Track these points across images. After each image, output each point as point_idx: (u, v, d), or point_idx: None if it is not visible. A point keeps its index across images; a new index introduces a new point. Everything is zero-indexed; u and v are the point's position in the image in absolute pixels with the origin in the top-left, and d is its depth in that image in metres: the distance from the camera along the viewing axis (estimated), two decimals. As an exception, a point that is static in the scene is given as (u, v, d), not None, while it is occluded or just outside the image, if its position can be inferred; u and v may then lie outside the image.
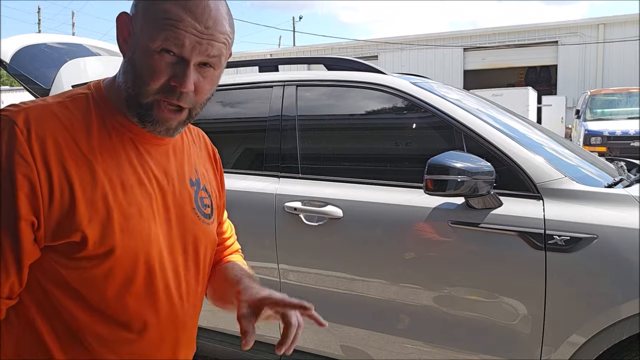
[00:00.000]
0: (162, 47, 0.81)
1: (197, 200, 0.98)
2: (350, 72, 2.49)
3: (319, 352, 2.29)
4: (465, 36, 20.78)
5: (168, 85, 0.83)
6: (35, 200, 0.77)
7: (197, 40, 0.81)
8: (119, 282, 0.85)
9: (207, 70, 0.85)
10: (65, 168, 0.79)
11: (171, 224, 0.92)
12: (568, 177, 1.95)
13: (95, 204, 0.81)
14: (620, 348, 1.78)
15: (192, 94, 0.84)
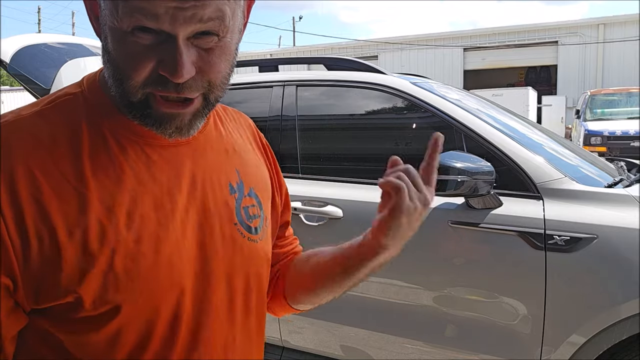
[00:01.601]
0: (133, 26, 0.56)
1: (239, 211, 0.73)
2: (350, 72, 2.49)
3: (319, 352, 2.29)
4: (465, 36, 20.79)
5: (156, 74, 0.59)
6: (7, 256, 0.56)
7: (177, 3, 0.55)
8: (130, 346, 0.63)
9: (209, 39, 0.59)
10: (42, 206, 0.58)
11: (205, 253, 0.68)
12: (568, 177, 1.95)
13: (89, 248, 0.59)
14: (620, 348, 1.78)
15: (197, 77, 0.60)
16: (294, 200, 2.29)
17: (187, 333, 0.66)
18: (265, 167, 0.86)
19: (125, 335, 0.62)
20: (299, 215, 2.25)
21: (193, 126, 0.65)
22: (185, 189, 0.67)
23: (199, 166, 0.70)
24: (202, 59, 0.60)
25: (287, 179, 2.51)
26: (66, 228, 0.58)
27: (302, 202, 2.26)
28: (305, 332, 2.30)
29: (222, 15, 0.58)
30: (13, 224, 0.56)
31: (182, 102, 0.62)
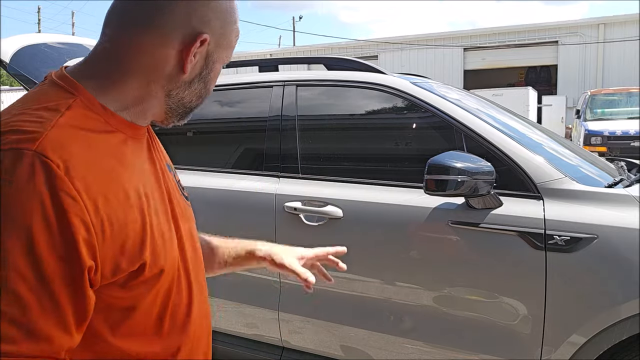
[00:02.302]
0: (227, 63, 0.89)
1: (178, 182, 0.96)
2: (350, 72, 2.49)
3: (319, 352, 2.29)
4: (465, 36, 20.78)
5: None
6: (91, 241, 0.68)
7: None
8: (162, 295, 0.81)
9: None
10: (105, 195, 0.71)
11: (178, 222, 0.88)
12: (568, 177, 1.95)
13: (135, 224, 0.74)
14: (620, 348, 1.78)
15: None
16: (294, 200, 2.29)
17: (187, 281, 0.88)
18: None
19: (162, 288, 0.80)
20: (299, 215, 2.25)
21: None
22: (159, 173, 0.87)
23: (153, 152, 0.89)
24: None
25: (287, 178, 2.53)
26: (122, 211, 0.73)
27: (302, 202, 2.26)
28: (305, 332, 2.30)
29: None
30: (94, 214, 0.68)
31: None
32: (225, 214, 2.47)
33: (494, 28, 20.27)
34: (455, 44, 20.57)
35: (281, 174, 2.41)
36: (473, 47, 20.48)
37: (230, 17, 0.84)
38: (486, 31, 20.52)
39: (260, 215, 2.35)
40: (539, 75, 21.96)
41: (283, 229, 2.29)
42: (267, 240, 2.30)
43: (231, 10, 0.84)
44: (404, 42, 21.17)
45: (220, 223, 2.49)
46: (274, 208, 2.31)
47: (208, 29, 0.80)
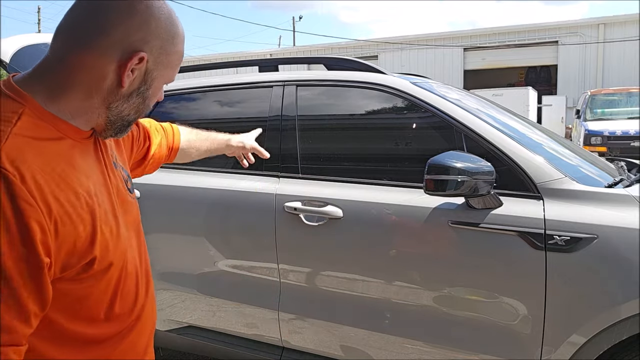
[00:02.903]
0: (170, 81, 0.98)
1: (124, 178, 1.04)
2: (350, 72, 2.49)
3: (319, 352, 2.29)
4: (465, 36, 20.78)
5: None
6: (46, 241, 0.76)
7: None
8: (114, 285, 0.92)
9: None
10: (57, 198, 0.80)
11: (123, 216, 0.98)
12: (568, 177, 1.95)
13: (89, 222, 0.84)
14: (620, 348, 1.78)
15: None
16: (294, 200, 2.28)
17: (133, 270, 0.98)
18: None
19: (112, 279, 0.91)
20: (299, 215, 2.25)
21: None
22: (106, 171, 0.96)
23: (98, 152, 0.97)
24: None
25: (287, 178, 2.52)
26: (73, 211, 0.81)
27: (302, 202, 2.26)
28: (305, 332, 2.30)
29: None
30: (48, 216, 0.76)
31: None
32: (225, 214, 2.47)
33: (494, 28, 20.27)
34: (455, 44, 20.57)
35: (281, 174, 2.41)
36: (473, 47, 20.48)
37: (171, 40, 0.93)
38: (486, 31, 20.51)
39: (260, 215, 2.35)
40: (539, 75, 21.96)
41: (283, 229, 2.29)
42: (267, 240, 2.31)
43: (173, 34, 0.93)
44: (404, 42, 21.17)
45: (221, 223, 2.49)
46: (274, 208, 2.31)
47: (147, 48, 0.89)
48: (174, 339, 2.62)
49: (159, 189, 2.61)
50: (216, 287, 2.49)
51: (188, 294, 2.55)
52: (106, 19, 0.87)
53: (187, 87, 2.81)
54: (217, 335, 2.53)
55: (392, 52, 21.44)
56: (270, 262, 2.32)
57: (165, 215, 2.59)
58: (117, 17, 0.87)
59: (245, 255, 2.43)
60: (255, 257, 2.39)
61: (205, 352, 2.58)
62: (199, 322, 2.56)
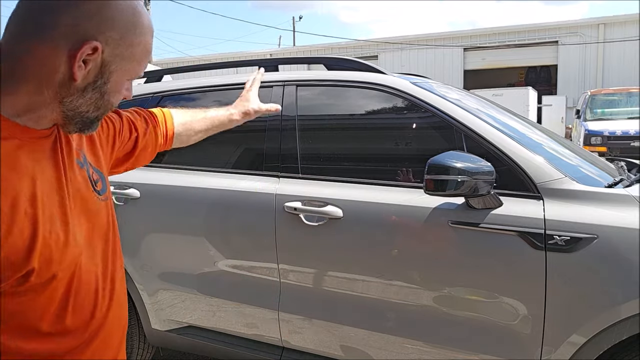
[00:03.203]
0: (132, 79, 0.91)
1: (91, 179, 0.97)
2: (350, 72, 2.49)
3: (319, 352, 2.29)
4: (465, 36, 20.79)
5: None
6: None
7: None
8: (59, 299, 0.85)
9: None
10: None
11: (82, 219, 0.90)
12: (568, 177, 1.95)
13: (23, 233, 0.77)
14: (620, 348, 1.78)
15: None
16: (294, 200, 2.28)
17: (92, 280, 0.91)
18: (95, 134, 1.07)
19: (57, 292, 0.84)
20: (299, 215, 2.25)
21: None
22: (56, 168, 0.87)
23: (58, 150, 0.89)
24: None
25: (287, 178, 2.52)
26: (7, 222, 0.75)
27: (302, 202, 2.26)
28: (305, 332, 2.30)
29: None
30: None
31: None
32: (225, 214, 2.47)
33: (494, 28, 20.28)
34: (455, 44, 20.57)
35: (281, 174, 2.41)
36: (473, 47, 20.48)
37: (132, 30, 0.86)
38: (486, 31, 20.51)
39: (260, 215, 2.35)
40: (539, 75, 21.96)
41: (283, 229, 2.29)
42: (267, 240, 2.31)
43: (135, 24, 0.86)
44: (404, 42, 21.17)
45: (221, 223, 2.49)
46: (274, 208, 2.31)
47: (101, 38, 0.82)
48: (174, 339, 2.62)
49: (159, 189, 2.61)
50: (216, 287, 2.49)
51: (188, 294, 2.55)
52: (56, 6, 0.80)
53: (187, 87, 2.81)
54: (217, 335, 2.53)
55: (392, 52, 21.44)
56: (270, 262, 2.32)
57: (165, 215, 2.59)
58: (67, 4, 0.81)
59: (245, 255, 2.42)
60: (255, 257, 2.39)
61: (205, 352, 2.58)
62: (199, 322, 2.56)
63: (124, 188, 2.68)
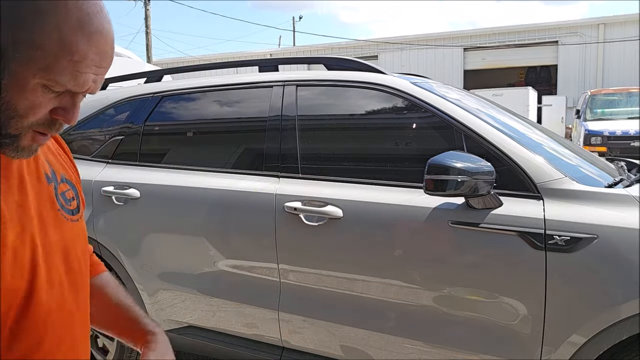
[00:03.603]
0: (51, 85, 0.68)
1: (58, 196, 0.83)
2: (350, 72, 2.49)
3: (319, 352, 2.29)
4: (465, 36, 20.79)
5: (49, 118, 0.71)
6: None
7: (94, 78, 0.71)
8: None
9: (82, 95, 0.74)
10: None
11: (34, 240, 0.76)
12: (568, 177, 1.95)
13: None
14: (620, 348, 1.78)
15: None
16: (294, 200, 2.28)
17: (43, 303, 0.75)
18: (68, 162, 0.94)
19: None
20: (299, 215, 2.25)
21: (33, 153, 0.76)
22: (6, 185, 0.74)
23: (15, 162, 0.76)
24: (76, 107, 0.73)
25: (287, 178, 2.52)
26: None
27: (302, 202, 2.26)
28: (305, 332, 2.30)
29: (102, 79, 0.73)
30: None
31: (46, 137, 0.74)
32: (225, 214, 2.47)
33: (494, 28, 20.29)
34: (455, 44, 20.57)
35: (281, 174, 2.41)
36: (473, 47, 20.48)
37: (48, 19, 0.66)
38: (486, 31, 20.52)
39: (260, 215, 2.35)
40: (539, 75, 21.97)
41: (283, 229, 2.29)
42: (267, 240, 2.31)
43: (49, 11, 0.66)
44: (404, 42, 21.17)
45: (221, 223, 2.49)
46: (274, 208, 2.31)
47: None
48: (174, 339, 2.62)
49: (159, 189, 2.61)
50: (216, 287, 2.49)
51: (188, 294, 2.55)
52: None
53: (187, 87, 2.81)
54: (217, 335, 2.53)
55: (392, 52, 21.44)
56: (270, 262, 2.32)
57: (165, 215, 2.59)
58: None
59: (245, 255, 2.42)
60: (255, 257, 2.39)
61: (205, 352, 2.58)
62: (199, 322, 2.56)
63: (124, 188, 2.68)
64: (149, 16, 21.14)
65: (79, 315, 0.84)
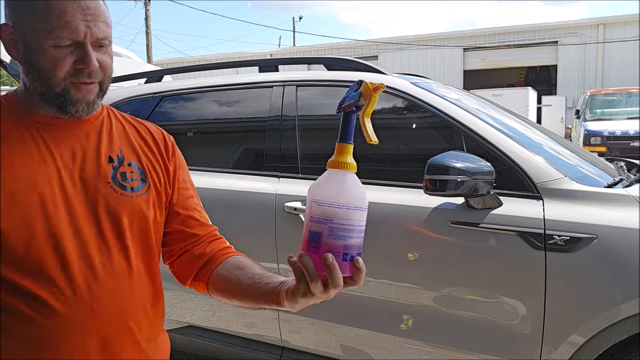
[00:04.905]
0: (58, 43, 0.90)
1: (115, 175, 1.01)
2: (350, 72, 2.49)
3: (319, 352, 2.29)
4: (465, 36, 20.79)
5: (74, 69, 0.91)
6: None
7: (86, 24, 0.90)
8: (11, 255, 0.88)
9: (102, 47, 0.95)
10: None
11: (78, 197, 0.95)
12: (568, 177, 1.95)
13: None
14: (620, 348, 1.78)
15: (99, 70, 0.94)
16: (294, 200, 2.28)
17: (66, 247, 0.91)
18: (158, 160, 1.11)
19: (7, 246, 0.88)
20: (299, 215, 2.25)
21: (95, 104, 0.98)
22: (69, 155, 0.96)
23: (84, 143, 0.99)
24: (100, 58, 0.94)
25: (287, 178, 2.52)
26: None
27: (302, 202, 2.27)
28: (305, 332, 2.30)
29: (106, 35, 0.94)
30: None
31: (89, 85, 0.94)
32: (225, 214, 2.47)
33: (494, 28, 20.29)
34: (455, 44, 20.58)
35: (281, 174, 2.41)
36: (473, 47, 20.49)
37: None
38: (486, 31, 20.52)
39: (260, 215, 2.35)
40: (538, 76, 21.98)
41: (283, 229, 2.29)
42: (267, 240, 2.31)
43: None
44: (404, 42, 21.18)
45: (221, 223, 2.49)
46: (274, 208, 2.31)
47: (11, 17, 0.93)
48: (174, 338, 2.62)
49: (159, 189, 2.61)
50: (216, 287, 2.49)
51: (188, 294, 2.55)
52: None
53: (187, 87, 2.81)
54: (217, 335, 2.53)
55: (392, 52, 21.44)
56: (270, 261, 2.32)
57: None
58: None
59: (245, 255, 2.42)
60: (255, 257, 2.37)
61: (205, 352, 2.58)
62: (199, 322, 2.56)
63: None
64: (149, 16, 21.15)
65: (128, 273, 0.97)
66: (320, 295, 0.85)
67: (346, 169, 0.84)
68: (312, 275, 0.81)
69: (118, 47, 6.67)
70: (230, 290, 1.06)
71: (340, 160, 0.85)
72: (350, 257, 0.82)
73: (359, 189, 0.83)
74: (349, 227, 0.80)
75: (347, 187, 0.81)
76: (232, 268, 1.10)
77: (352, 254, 0.82)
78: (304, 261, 0.81)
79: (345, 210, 0.79)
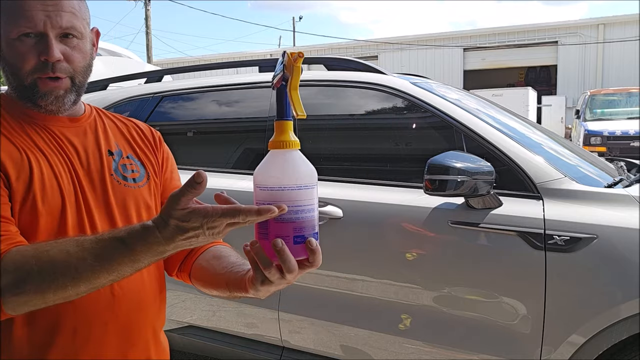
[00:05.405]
0: (19, 34, 0.91)
1: (117, 167, 1.05)
2: (350, 72, 2.49)
3: (319, 352, 2.29)
4: (465, 36, 20.80)
5: (39, 62, 0.92)
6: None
7: (46, 13, 0.91)
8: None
9: (71, 40, 0.95)
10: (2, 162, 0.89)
11: (90, 188, 0.99)
12: (568, 177, 1.95)
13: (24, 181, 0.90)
14: (620, 348, 1.78)
15: (65, 64, 0.95)
16: (294, 200, 2.28)
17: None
18: (150, 153, 1.14)
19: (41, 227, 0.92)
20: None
21: (67, 98, 0.97)
22: (72, 149, 0.99)
23: (82, 138, 1.02)
24: (67, 51, 0.94)
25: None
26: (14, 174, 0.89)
27: (302, 202, 2.26)
28: (305, 332, 2.30)
29: (72, 25, 0.94)
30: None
31: (56, 80, 0.94)
32: (225, 214, 2.47)
33: (494, 28, 20.29)
34: (455, 44, 20.58)
35: (281, 174, 2.40)
36: (473, 47, 20.49)
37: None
38: (486, 31, 20.53)
39: (260, 215, 2.34)
40: (538, 76, 21.99)
41: (283, 229, 2.28)
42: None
43: None
44: (404, 42, 21.18)
45: (220, 223, 2.49)
46: (274, 208, 2.31)
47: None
48: (174, 339, 2.62)
49: (159, 189, 2.61)
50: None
51: (188, 294, 2.55)
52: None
53: (187, 87, 2.81)
54: (217, 335, 2.53)
55: (392, 52, 21.45)
56: (270, 262, 2.32)
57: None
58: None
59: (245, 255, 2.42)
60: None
61: (205, 352, 2.58)
62: (199, 322, 2.56)
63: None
64: (149, 16, 21.15)
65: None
66: (279, 282, 0.83)
67: (288, 147, 0.79)
68: (264, 263, 0.80)
69: (118, 47, 6.68)
70: (208, 280, 1.06)
71: (281, 139, 0.79)
72: (302, 239, 0.78)
73: (305, 166, 0.78)
74: (297, 209, 0.76)
75: (291, 167, 0.76)
76: (210, 258, 1.09)
77: (304, 235, 0.78)
78: (255, 249, 0.80)
79: (290, 192, 0.75)
